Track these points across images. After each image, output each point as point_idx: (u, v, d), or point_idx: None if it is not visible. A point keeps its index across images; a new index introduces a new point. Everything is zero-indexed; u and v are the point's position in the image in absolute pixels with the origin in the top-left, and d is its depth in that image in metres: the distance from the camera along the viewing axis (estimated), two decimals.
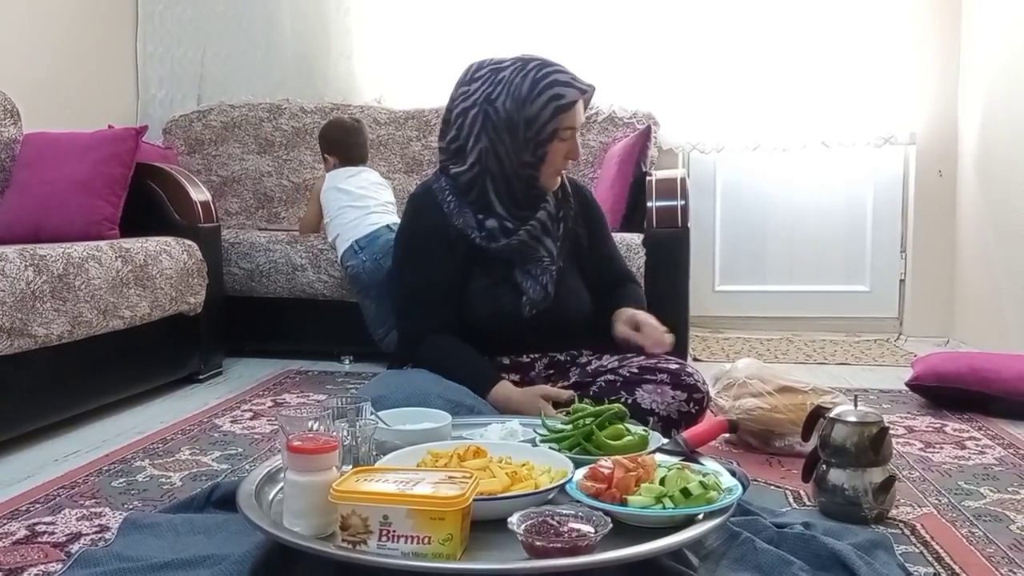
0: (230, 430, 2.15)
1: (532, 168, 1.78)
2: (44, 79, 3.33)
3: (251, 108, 3.78)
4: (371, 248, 2.88)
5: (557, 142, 1.76)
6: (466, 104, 1.79)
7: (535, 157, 1.77)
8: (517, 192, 1.80)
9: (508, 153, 1.77)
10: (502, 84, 1.75)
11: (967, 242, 3.46)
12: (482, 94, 1.77)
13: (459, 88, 1.83)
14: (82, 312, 2.16)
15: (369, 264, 2.87)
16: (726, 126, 3.62)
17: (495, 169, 1.78)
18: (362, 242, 2.89)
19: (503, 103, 1.74)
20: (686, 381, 1.75)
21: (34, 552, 1.37)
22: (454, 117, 1.83)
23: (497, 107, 1.75)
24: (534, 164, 1.78)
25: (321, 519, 1.13)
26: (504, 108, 1.74)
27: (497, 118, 1.75)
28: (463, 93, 1.81)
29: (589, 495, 1.16)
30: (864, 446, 1.49)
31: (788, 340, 3.57)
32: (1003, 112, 3.12)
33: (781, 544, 1.31)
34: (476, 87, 1.79)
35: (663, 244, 2.86)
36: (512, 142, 1.76)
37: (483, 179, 1.79)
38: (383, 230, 2.90)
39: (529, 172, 1.78)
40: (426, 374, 1.77)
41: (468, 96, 1.80)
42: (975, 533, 1.45)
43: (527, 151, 1.76)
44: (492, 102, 1.75)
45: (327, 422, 1.27)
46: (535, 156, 1.77)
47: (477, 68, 1.82)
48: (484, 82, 1.78)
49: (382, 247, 2.87)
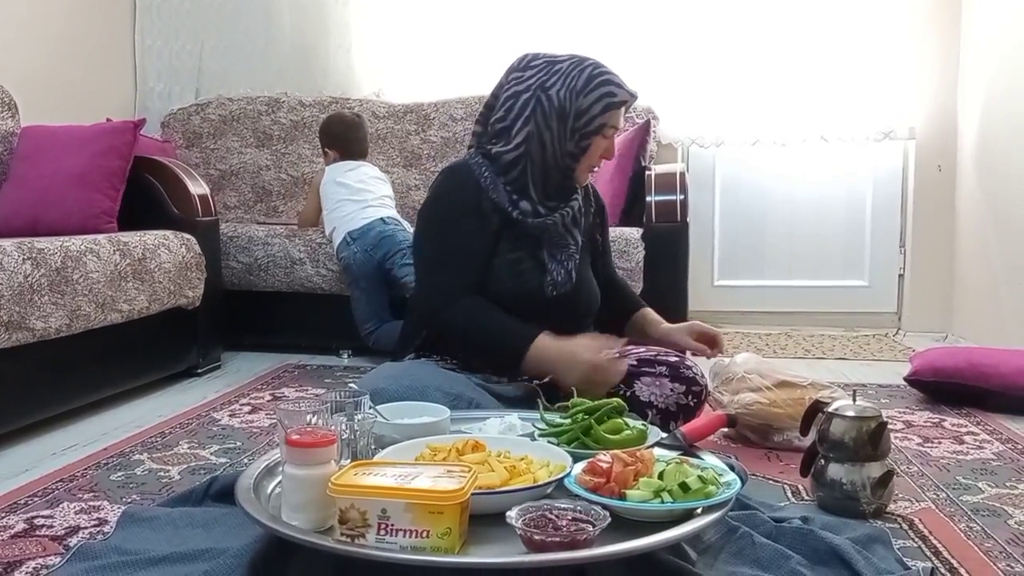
0: (228, 424, 2.15)
1: (572, 159, 1.82)
2: (42, 72, 3.32)
3: (249, 101, 3.77)
4: (363, 240, 2.89)
5: (600, 138, 1.82)
6: (518, 88, 1.83)
7: (578, 148, 1.81)
8: (552, 181, 1.84)
9: (553, 140, 1.81)
10: (558, 74, 1.81)
11: (966, 237, 3.46)
12: (536, 80, 1.82)
13: (511, 73, 1.88)
14: (80, 306, 2.15)
15: (360, 255, 2.88)
16: (725, 120, 3.62)
17: (536, 155, 1.81)
18: (355, 234, 2.90)
19: (557, 92, 1.79)
20: (685, 374, 1.76)
21: (32, 545, 1.37)
22: (503, 100, 1.86)
23: (551, 95, 1.79)
24: (575, 155, 1.82)
25: (319, 513, 1.13)
26: (558, 96, 1.79)
27: (549, 105, 1.79)
28: (516, 78, 1.86)
29: (588, 489, 1.16)
30: (862, 441, 1.49)
31: (787, 335, 3.58)
32: (1003, 107, 3.12)
33: (779, 538, 1.31)
34: (531, 74, 1.83)
35: (662, 239, 2.86)
36: (559, 130, 1.80)
37: (524, 162, 1.82)
38: (377, 223, 2.91)
39: (568, 163, 1.82)
40: (426, 367, 1.77)
41: (521, 81, 1.84)
42: (973, 527, 1.45)
43: (571, 141, 1.80)
44: (546, 89, 1.80)
45: (325, 416, 1.27)
46: (578, 147, 1.81)
47: (533, 58, 1.87)
48: (539, 70, 1.83)
49: (373, 239, 2.88)
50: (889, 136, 3.55)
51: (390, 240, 2.89)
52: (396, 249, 2.87)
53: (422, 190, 3.55)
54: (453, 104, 3.62)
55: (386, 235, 2.90)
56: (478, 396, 1.70)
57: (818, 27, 3.54)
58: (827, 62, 3.53)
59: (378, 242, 2.88)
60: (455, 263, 1.78)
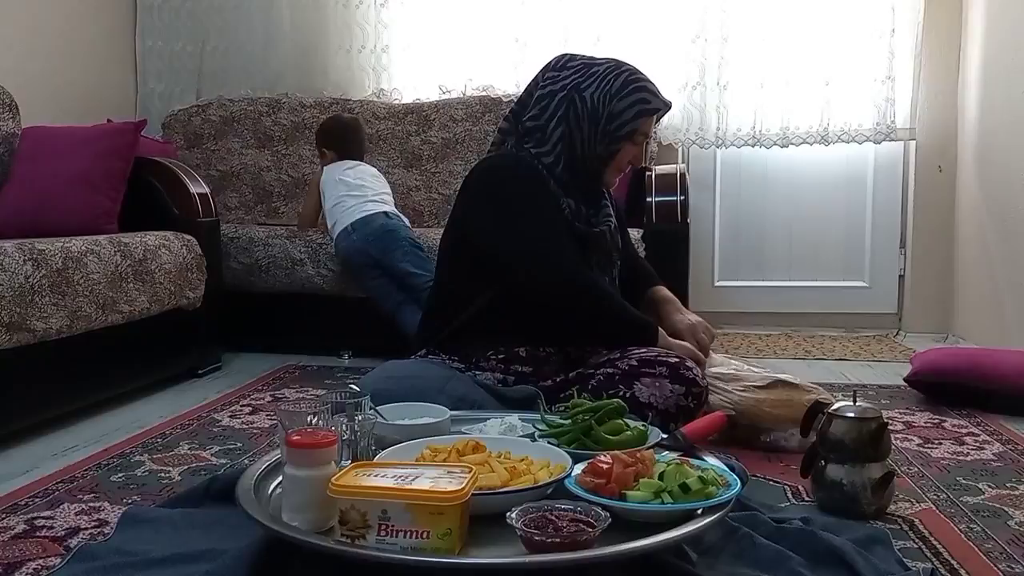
0: (229, 425, 2.15)
1: (601, 163, 1.84)
2: (43, 73, 3.33)
3: (250, 102, 3.77)
4: (364, 229, 2.90)
5: (630, 144, 1.84)
6: (553, 87, 1.85)
7: (607, 152, 1.83)
8: (581, 183, 1.86)
9: (583, 142, 1.82)
10: (594, 77, 1.82)
11: (966, 238, 3.46)
12: (572, 81, 1.83)
13: (547, 72, 1.89)
14: (81, 306, 2.15)
15: (359, 243, 2.90)
16: (726, 120, 3.61)
17: (567, 156, 1.83)
18: (356, 224, 2.92)
19: (592, 94, 1.80)
20: (685, 375, 1.75)
21: (33, 546, 1.37)
22: (536, 98, 1.88)
23: (585, 96, 1.81)
24: (604, 159, 1.84)
25: (320, 514, 1.13)
26: (592, 98, 1.80)
27: (582, 107, 1.81)
28: (551, 77, 1.87)
29: (588, 490, 1.16)
30: (863, 441, 1.49)
31: (787, 336, 3.58)
32: (1003, 108, 3.11)
33: (780, 539, 1.31)
34: (567, 74, 1.85)
35: (663, 239, 2.86)
36: (590, 132, 1.81)
37: (559, 163, 1.83)
38: (380, 216, 2.94)
39: (596, 166, 1.84)
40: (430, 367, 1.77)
41: (556, 80, 1.85)
42: (973, 528, 1.45)
43: (602, 144, 1.82)
44: (581, 91, 1.81)
45: (326, 417, 1.27)
46: (608, 151, 1.83)
47: (570, 58, 1.89)
48: (575, 72, 1.84)
49: (376, 230, 2.89)
50: (890, 137, 3.55)
51: (392, 235, 2.90)
52: (397, 245, 2.88)
53: (423, 191, 3.55)
54: (454, 105, 3.62)
55: (389, 228, 2.91)
56: (481, 398, 1.70)
57: (819, 27, 3.53)
58: (828, 63, 3.53)
59: (380, 234, 2.89)
60: (560, 236, 1.79)
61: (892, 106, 3.51)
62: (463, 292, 1.86)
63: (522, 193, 1.81)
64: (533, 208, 1.80)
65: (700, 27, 3.57)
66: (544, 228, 1.79)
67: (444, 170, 3.54)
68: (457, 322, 1.84)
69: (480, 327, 1.83)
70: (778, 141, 3.60)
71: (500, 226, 1.79)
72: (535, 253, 1.76)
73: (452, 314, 1.86)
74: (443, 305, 1.90)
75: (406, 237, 2.90)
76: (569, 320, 1.81)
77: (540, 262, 1.76)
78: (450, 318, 1.86)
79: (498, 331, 1.82)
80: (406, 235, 2.91)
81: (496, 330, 1.82)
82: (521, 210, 1.79)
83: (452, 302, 1.88)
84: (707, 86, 3.59)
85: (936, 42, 3.53)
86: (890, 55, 3.49)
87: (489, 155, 1.98)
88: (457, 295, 1.87)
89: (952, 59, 3.53)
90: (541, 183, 1.83)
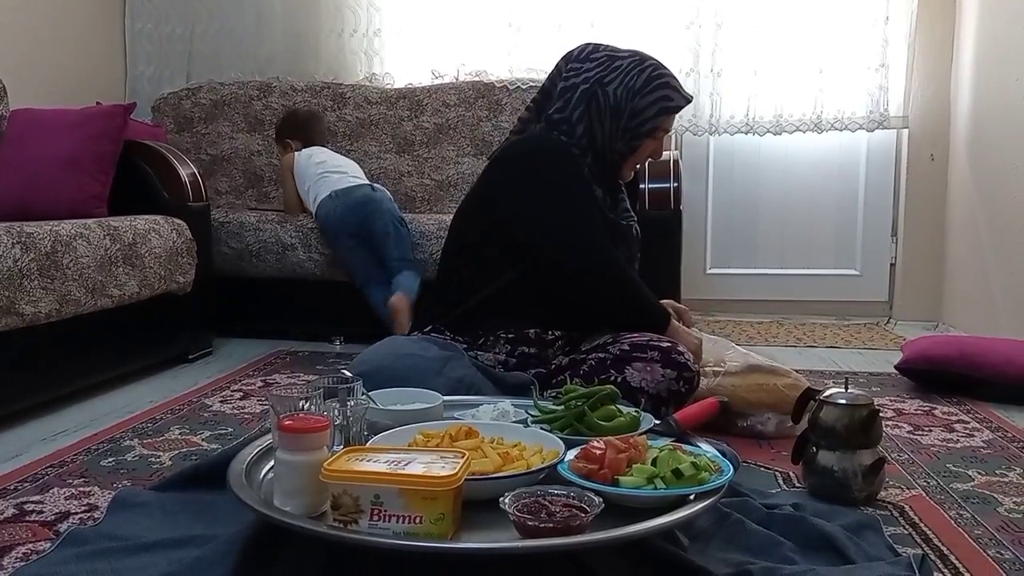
0: (220, 410, 2.14)
1: (620, 157, 1.85)
2: (31, 55, 3.29)
3: (241, 86, 3.74)
4: (346, 197, 2.94)
5: (650, 140, 1.84)
6: (576, 80, 1.84)
7: (628, 148, 1.84)
8: (604, 174, 1.87)
9: (604, 136, 1.82)
10: (618, 72, 1.82)
11: (958, 227, 3.47)
12: (596, 75, 1.82)
13: (569, 63, 1.88)
14: (70, 291, 2.14)
15: (340, 210, 2.93)
16: (719, 108, 3.60)
17: (591, 149, 1.84)
18: (340, 192, 2.95)
19: (615, 89, 1.80)
20: (676, 359, 1.74)
21: (22, 531, 1.36)
22: (560, 91, 1.87)
23: (608, 91, 1.81)
24: (624, 154, 1.84)
25: (312, 499, 1.13)
26: (615, 94, 1.80)
27: (605, 101, 1.81)
28: (574, 69, 1.86)
29: (581, 475, 1.16)
30: (854, 428, 1.50)
31: (779, 323, 3.58)
32: (996, 97, 3.12)
33: (771, 525, 1.31)
34: (590, 67, 1.84)
35: (656, 226, 2.85)
36: (612, 127, 1.81)
37: (587, 155, 1.84)
38: (365, 187, 2.99)
39: (616, 160, 1.85)
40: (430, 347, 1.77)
41: (580, 73, 1.84)
42: (963, 515, 1.46)
43: (622, 140, 1.82)
44: (604, 85, 1.81)
45: (318, 402, 1.26)
46: (628, 147, 1.84)
47: (593, 49, 1.87)
48: (599, 64, 1.84)
49: (359, 198, 2.93)
50: (882, 125, 3.55)
51: (375, 205, 2.92)
52: (380, 218, 2.90)
53: (415, 176, 3.53)
54: (447, 90, 3.60)
55: (373, 199, 2.94)
56: (479, 381, 1.70)
57: (813, 15, 3.53)
58: (820, 51, 3.52)
59: (363, 202, 2.93)
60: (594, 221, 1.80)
61: (885, 94, 3.51)
62: (482, 274, 1.84)
63: (558, 179, 1.81)
64: (569, 193, 1.80)
65: (694, 14, 3.55)
66: (580, 214, 1.79)
67: (437, 155, 3.53)
68: (474, 301, 1.84)
69: (493, 308, 1.82)
70: (771, 129, 3.60)
71: (538, 211, 1.79)
72: (572, 238, 1.78)
73: (468, 294, 1.85)
74: (458, 286, 1.87)
75: (389, 210, 2.92)
76: (596, 304, 1.82)
77: (578, 247, 1.78)
78: (466, 297, 1.85)
79: (511, 313, 1.82)
80: (389, 208, 2.93)
81: (509, 311, 1.82)
82: (558, 194, 1.80)
83: (468, 282, 1.86)
84: (700, 73, 3.58)
85: (930, 30, 3.53)
86: (884, 43, 3.49)
87: (522, 137, 1.94)
88: (474, 276, 1.85)
89: (946, 47, 3.53)
90: (577, 168, 1.83)
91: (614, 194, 1.93)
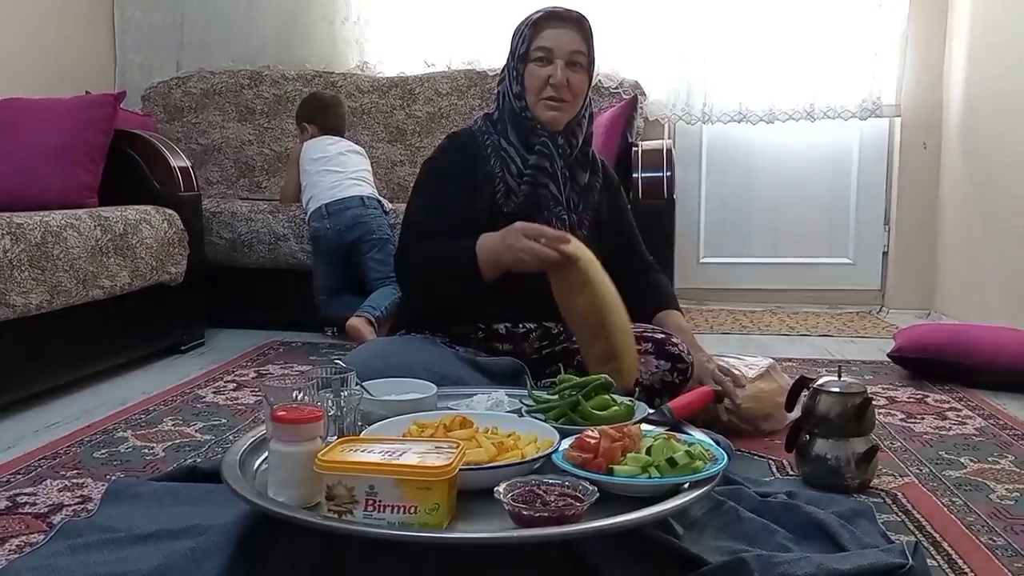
0: (213, 401, 2.14)
1: (520, 99, 1.79)
2: (20, 44, 3.26)
3: (231, 75, 3.72)
4: (337, 217, 2.90)
5: (533, 64, 1.76)
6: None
7: (520, 85, 1.78)
8: (523, 131, 1.80)
9: (506, 89, 1.81)
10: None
11: (950, 215, 3.48)
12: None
13: None
14: (61, 281, 2.13)
15: (331, 233, 2.91)
16: (712, 97, 3.60)
17: (505, 108, 1.82)
18: (332, 208, 2.91)
19: (511, 41, 1.81)
20: (671, 351, 1.73)
21: (16, 523, 1.36)
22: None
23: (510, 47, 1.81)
24: (519, 94, 1.79)
25: (306, 489, 1.12)
26: (510, 45, 1.80)
27: (507, 57, 1.81)
28: None
29: (575, 465, 1.16)
30: (847, 416, 1.50)
31: (772, 312, 3.59)
32: (988, 86, 3.12)
33: (765, 513, 1.32)
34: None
35: (649, 216, 2.83)
36: (508, 75, 1.80)
37: (506, 123, 1.81)
38: (355, 201, 2.92)
39: (520, 104, 1.79)
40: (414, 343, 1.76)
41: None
42: (955, 502, 1.47)
43: (516, 80, 1.79)
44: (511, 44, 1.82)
45: (312, 392, 1.26)
46: (520, 84, 1.78)
47: None
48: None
49: (349, 220, 2.89)
50: (875, 114, 3.55)
51: (364, 227, 2.90)
52: (368, 238, 2.90)
53: (407, 165, 3.52)
54: (438, 78, 3.59)
55: (363, 220, 2.90)
56: (467, 375, 1.69)
57: (806, 4, 3.52)
58: (813, 39, 3.52)
59: (352, 225, 2.89)
60: (426, 224, 1.76)
61: (878, 83, 3.51)
62: None
63: (428, 177, 1.82)
64: (427, 192, 1.81)
65: (687, 4, 3.54)
66: (419, 216, 1.78)
67: (429, 144, 3.51)
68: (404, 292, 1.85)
69: (459, 306, 1.81)
70: (764, 117, 3.59)
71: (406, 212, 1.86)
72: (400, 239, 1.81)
73: None
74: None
75: (378, 229, 2.91)
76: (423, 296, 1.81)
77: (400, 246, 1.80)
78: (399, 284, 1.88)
79: (478, 310, 1.80)
80: (379, 227, 2.91)
81: (476, 309, 1.80)
82: (415, 198, 1.83)
83: None
84: (693, 62, 3.57)
85: (923, 19, 3.53)
86: (877, 32, 3.49)
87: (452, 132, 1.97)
88: None
89: (939, 36, 3.52)
90: (460, 162, 1.79)
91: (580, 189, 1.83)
